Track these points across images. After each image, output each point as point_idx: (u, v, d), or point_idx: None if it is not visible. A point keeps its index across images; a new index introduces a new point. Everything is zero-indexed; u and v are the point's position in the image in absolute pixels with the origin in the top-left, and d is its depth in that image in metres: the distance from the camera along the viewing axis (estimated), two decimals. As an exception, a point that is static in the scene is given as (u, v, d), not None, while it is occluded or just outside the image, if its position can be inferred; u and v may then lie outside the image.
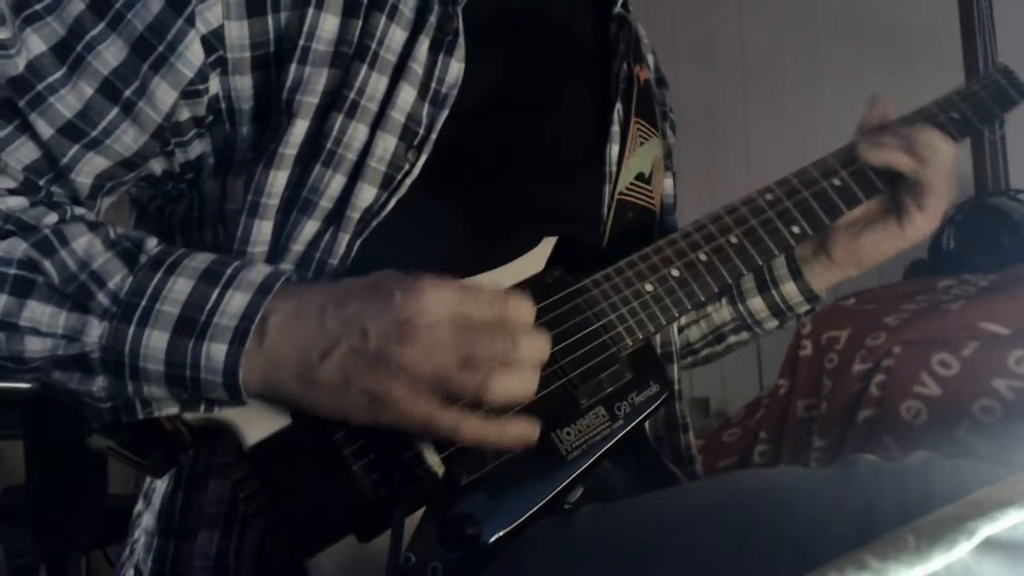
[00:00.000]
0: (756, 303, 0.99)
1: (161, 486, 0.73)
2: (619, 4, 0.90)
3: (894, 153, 0.87)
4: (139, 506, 0.77)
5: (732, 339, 1.04)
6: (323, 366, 0.60)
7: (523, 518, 0.64)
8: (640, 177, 0.88)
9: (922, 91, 0.98)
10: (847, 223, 0.92)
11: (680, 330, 1.01)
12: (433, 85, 0.74)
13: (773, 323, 1.01)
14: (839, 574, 0.37)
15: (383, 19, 0.72)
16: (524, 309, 0.63)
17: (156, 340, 0.61)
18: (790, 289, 0.97)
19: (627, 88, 0.89)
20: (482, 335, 0.60)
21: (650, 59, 1.04)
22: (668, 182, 1.00)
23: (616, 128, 0.86)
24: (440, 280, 0.62)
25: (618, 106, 0.87)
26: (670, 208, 1.01)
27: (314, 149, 0.70)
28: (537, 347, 0.63)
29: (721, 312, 1.01)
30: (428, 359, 0.59)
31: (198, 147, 0.74)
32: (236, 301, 0.61)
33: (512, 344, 0.61)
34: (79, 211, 0.68)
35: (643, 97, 0.91)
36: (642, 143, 0.89)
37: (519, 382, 0.61)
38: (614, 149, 0.86)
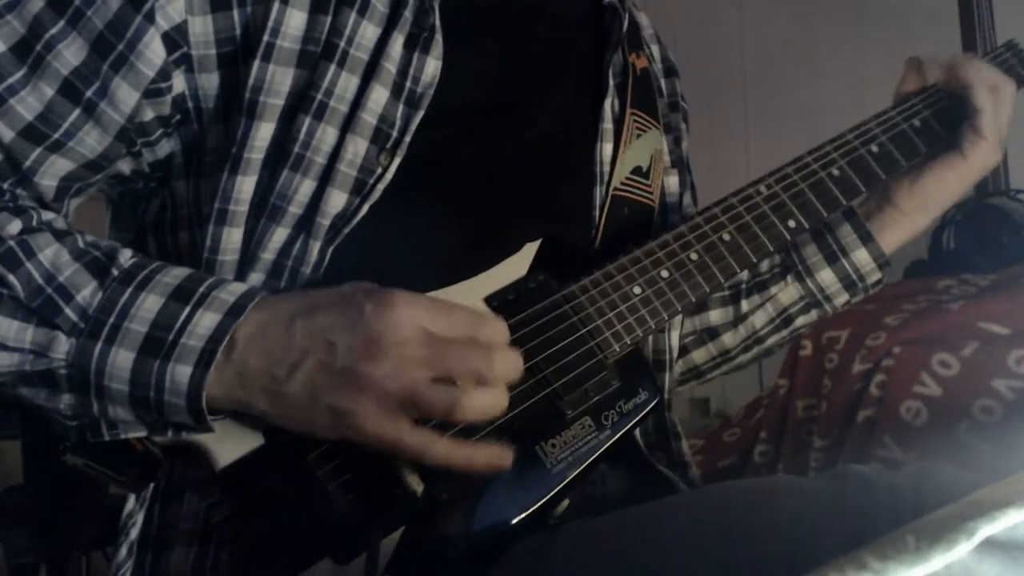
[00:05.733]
0: (826, 276, 0.91)
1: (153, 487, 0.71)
2: None
3: (943, 72, 0.88)
4: (131, 505, 0.75)
5: (800, 320, 0.94)
6: (290, 380, 0.59)
7: (506, 535, 0.62)
8: (637, 171, 0.85)
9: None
10: (906, 168, 0.88)
11: (744, 316, 0.95)
12: (408, 84, 0.71)
13: (843, 297, 0.92)
14: (839, 574, 0.37)
15: (353, 15, 0.69)
16: (498, 327, 0.62)
17: (122, 359, 0.59)
18: (862, 256, 0.90)
19: (622, 79, 0.85)
20: (455, 352, 0.59)
21: (656, 49, 1.00)
22: (672, 180, 0.95)
23: (608, 126, 0.83)
24: (412, 295, 0.60)
25: (610, 102, 0.84)
26: (674, 207, 0.95)
27: (281, 153, 0.68)
28: (511, 363, 0.61)
29: (788, 291, 0.93)
30: (397, 377, 0.57)
31: (166, 146, 0.72)
32: (205, 321, 0.60)
33: (486, 361, 0.59)
34: (47, 216, 0.66)
35: (640, 86, 0.87)
36: (639, 135, 0.85)
37: (491, 399, 0.60)
38: (606, 148, 0.82)
